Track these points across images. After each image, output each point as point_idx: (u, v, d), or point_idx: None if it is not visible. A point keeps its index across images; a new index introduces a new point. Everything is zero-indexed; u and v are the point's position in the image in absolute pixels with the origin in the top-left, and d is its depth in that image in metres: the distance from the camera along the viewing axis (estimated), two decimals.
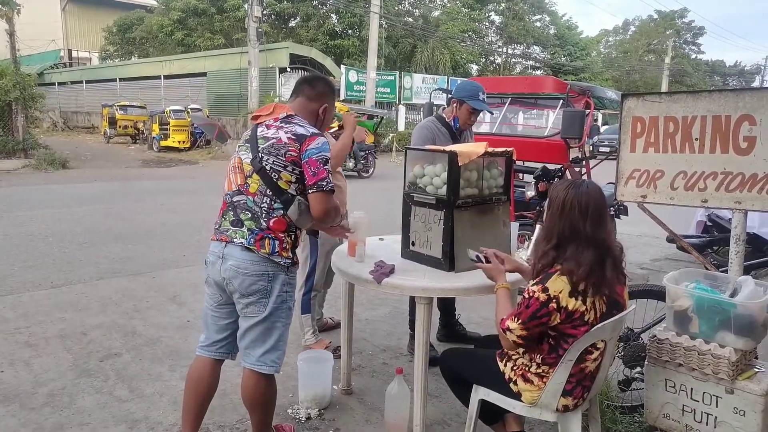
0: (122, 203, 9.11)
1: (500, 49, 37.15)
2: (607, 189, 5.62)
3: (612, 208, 5.76)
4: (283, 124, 2.19)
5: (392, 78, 24.43)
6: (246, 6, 19.62)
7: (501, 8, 36.12)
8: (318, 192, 2.11)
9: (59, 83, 31.50)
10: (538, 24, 37.71)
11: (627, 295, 2.05)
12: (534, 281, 1.94)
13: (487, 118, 6.77)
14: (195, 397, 2.30)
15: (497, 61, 37.11)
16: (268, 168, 2.12)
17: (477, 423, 2.28)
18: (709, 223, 5.52)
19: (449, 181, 2.47)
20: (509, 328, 1.94)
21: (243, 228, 2.13)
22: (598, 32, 48.36)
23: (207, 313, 2.30)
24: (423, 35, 29.05)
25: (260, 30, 17.36)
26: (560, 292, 1.86)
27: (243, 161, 2.20)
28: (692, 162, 2.59)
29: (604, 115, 22.90)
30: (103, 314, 4.16)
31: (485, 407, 2.25)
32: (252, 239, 2.11)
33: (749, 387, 2.15)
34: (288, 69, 20.03)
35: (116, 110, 21.28)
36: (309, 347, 3.38)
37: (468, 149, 2.52)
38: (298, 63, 20.24)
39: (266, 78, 19.35)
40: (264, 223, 2.12)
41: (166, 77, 24.57)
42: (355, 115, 3.27)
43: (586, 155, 5.60)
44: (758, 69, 49.04)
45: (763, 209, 2.46)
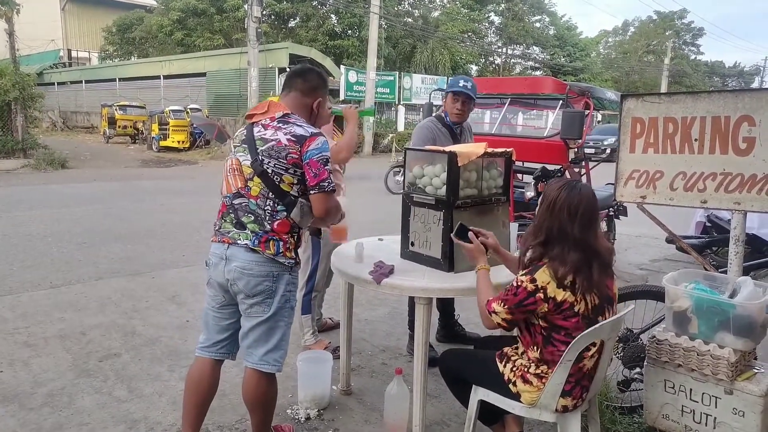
0: (121, 203, 9.11)
1: (500, 50, 37.20)
2: (607, 190, 5.68)
3: (611, 209, 5.79)
4: (281, 125, 2.16)
5: (392, 78, 24.41)
6: (245, 6, 19.59)
7: (500, 9, 36.18)
8: (320, 193, 2.13)
9: (59, 83, 31.51)
10: (538, 25, 37.77)
11: (616, 288, 2.10)
12: (523, 272, 1.99)
13: (487, 119, 6.78)
14: (196, 398, 2.30)
15: (497, 62, 37.15)
16: (270, 171, 2.11)
17: (476, 423, 2.28)
18: (709, 224, 5.52)
19: (449, 182, 2.47)
20: (495, 311, 2.01)
21: (246, 230, 2.13)
22: (598, 33, 48.56)
23: (208, 314, 2.30)
24: (422, 36, 29.06)
25: (260, 30, 17.35)
26: (548, 284, 1.91)
27: (242, 163, 2.17)
28: (691, 163, 2.59)
29: (604, 116, 22.90)
30: (103, 314, 4.16)
31: (485, 408, 2.25)
32: (257, 241, 2.12)
33: (748, 388, 2.16)
34: (288, 69, 19.95)
35: (116, 110, 21.26)
36: (308, 348, 3.38)
37: (467, 150, 2.52)
38: (298, 63, 20.21)
39: (266, 78, 19.34)
40: (268, 226, 2.13)
41: (166, 77, 24.56)
42: (354, 107, 3.32)
43: (585, 156, 5.61)
44: (757, 70, 49.18)
45: (763, 210, 2.46)
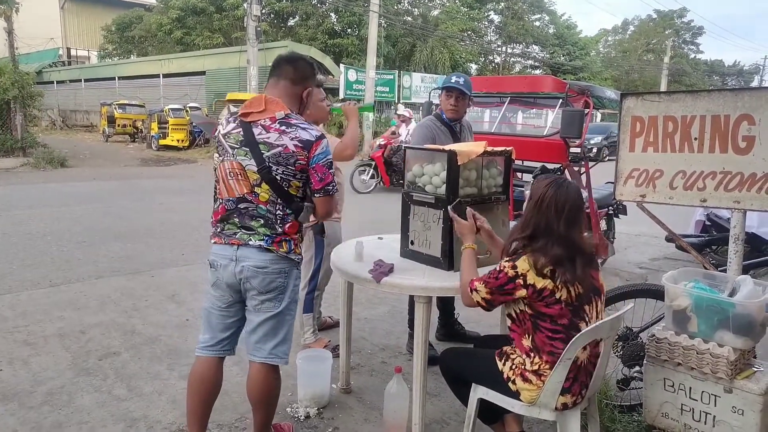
0: (121, 202, 9.10)
1: (499, 49, 37.15)
2: (606, 188, 5.68)
3: (611, 208, 5.79)
4: (285, 128, 2.13)
5: (391, 77, 24.39)
6: (245, 5, 19.58)
7: (500, 7, 36.10)
8: (325, 196, 2.21)
9: (58, 82, 31.47)
10: (537, 23, 37.69)
11: (602, 278, 2.15)
12: (506, 259, 2.07)
13: (486, 117, 6.78)
14: (203, 397, 2.30)
15: (496, 61, 37.10)
16: (279, 178, 2.13)
17: (476, 422, 2.28)
18: (708, 223, 5.52)
19: (448, 181, 2.47)
20: (476, 289, 2.08)
21: (256, 232, 2.17)
22: (598, 32, 48.43)
23: (211, 314, 2.30)
24: (422, 34, 29.03)
25: (259, 29, 17.32)
26: (527, 271, 1.98)
27: (246, 168, 2.14)
28: (691, 161, 2.59)
29: (603, 115, 22.89)
30: (102, 313, 4.16)
31: (484, 407, 2.25)
32: (270, 241, 2.17)
33: (748, 386, 2.16)
34: None
35: (115, 109, 21.21)
36: (308, 346, 3.38)
37: (467, 148, 2.52)
38: None
39: (265, 77, 19.14)
40: (279, 228, 2.18)
41: (165, 76, 24.52)
42: (353, 103, 3.36)
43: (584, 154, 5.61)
44: (757, 69, 49.13)
45: (762, 209, 2.46)
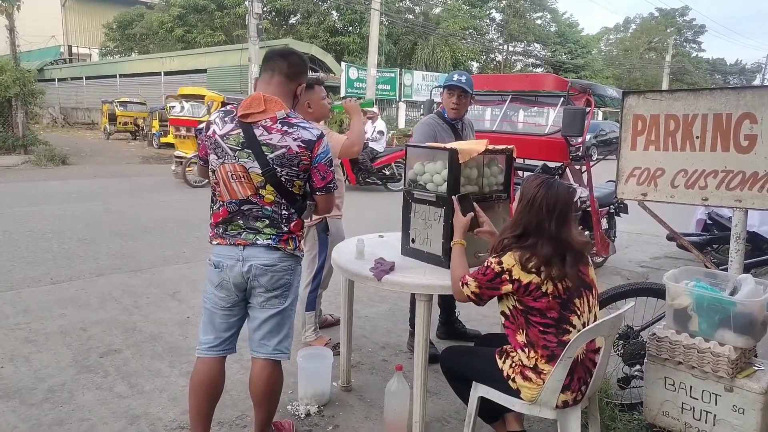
0: (122, 200, 9.11)
1: (501, 47, 37.09)
2: (608, 187, 5.68)
3: (612, 206, 5.78)
4: (287, 128, 2.12)
5: (393, 75, 24.39)
6: (246, 2, 19.56)
7: (502, 6, 36.05)
8: (326, 193, 2.25)
9: (59, 79, 31.44)
10: (539, 21, 37.63)
11: (593, 273, 2.17)
12: (493, 255, 2.12)
13: (488, 116, 6.77)
14: (207, 398, 2.29)
15: (498, 59, 37.06)
16: (284, 180, 2.14)
17: (476, 420, 2.28)
18: (709, 222, 5.52)
19: (449, 179, 2.47)
20: (467, 283, 2.13)
21: (262, 232, 2.18)
22: (599, 30, 48.27)
23: (214, 314, 2.29)
24: (424, 32, 29.01)
25: (260, 27, 17.30)
26: (513, 267, 2.02)
27: (249, 171, 2.12)
28: (693, 160, 2.58)
29: (605, 113, 22.86)
30: (103, 310, 4.17)
31: (485, 405, 2.25)
32: (278, 239, 2.20)
33: (748, 385, 2.16)
34: None
35: (116, 106, 21.16)
36: (309, 344, 3.38)
37: (468, 146, 2.52)
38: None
39: None
40: (285, 228, 2.21)
41: (167, 73, 24.49)
42: (354, 99, 3.38)
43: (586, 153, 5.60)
44: (759, 67, 48.95)
45: (764, 208, 2.46)
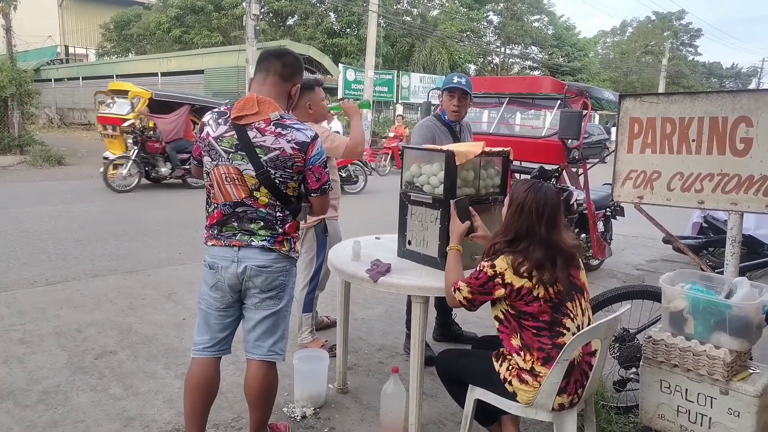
0: (118, 200, 9.08)
1: (498, 49, 37.16)
2: (604, 190, 5.69)
3: (608, 209, 5.80)
4: (281, 130, 2.11)
5: (390, 77, 24.38)
6: (244, 4, 19.56)
7: (499, 8, 36.15)
8: (321, 195, 2.24)
9: (56, 79, 31.33)
10: (536, 24, 37.73)
11: (584, 276, 2.17)
12: (486, 259, 2.12)
13: (485, 118, 6.78)
14: (203, 399, 2.29)
15: (495, 61, 37.12)
16: (278, 182, 2.13)
17: (472, 423, 2.28)
18: (705, 225, 5.54)
19: (446, 181, 2.47)
20: (459, 288, 2.14)
21: (257, 234, 2.17)
22: (596, 33, 48.60)
23: (209, 314, 2.28)
24: (421, 35, 29.04)
25: (258, 28, 17.30)
26: (505, 270, 2.03)
27: (243, 173, 2.11)
28: (689, 163, 2.59)
29: (602, 116, 22.93)
30: (99, 311, 4.15)
31: (481, 408, 2.25)
32: (273, 241, 2.19)
33: (744, 388, 2.16)
34: None
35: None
36: (305, 346, 3.38)
37: (465, 149, 2.52)
38: None
39: None
40: (280, 229, 2.20)
41: (164, 74, 24.43)
42: (351, 101, 3.39)
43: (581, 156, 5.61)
44: (755, 71, 49.26)
45: (759, 211, 2.46)
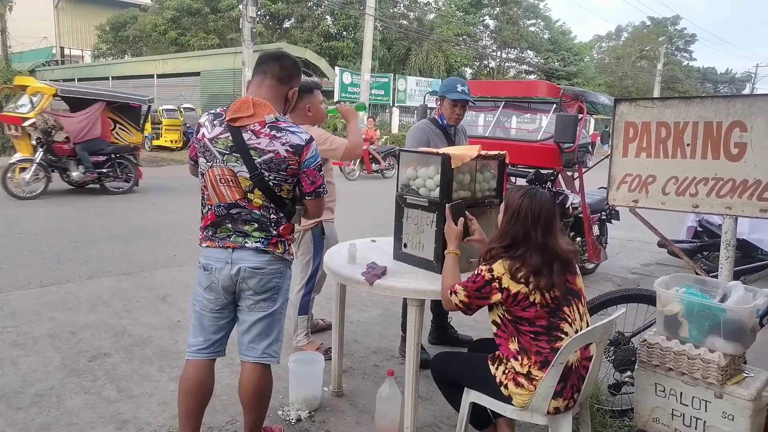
0: (113, 202, 9.05)
1: (494, 53, 37.28)
2: (599, 193, 5.71)
3: (604, 213, 5.81)
4: (276, 133, 2.10)
5: (386, 80, 24.43)
6: (240, 6, 19.55)
7: (495, 12, 36.29)
8: (316, 198, 2.24)
9: (51, 81, 31.21)
10: (532, 29, 37.88)
11: (580, 281, 2.18)
12: (483, 263, 2.12)
13: (481, 121, 6.79)
14: (197, 401, 2.28)
15: (491, 65, 37.26)
16: (272, 184, 2.13)
17: (468, 426, 2.28)
18: (700, 229, 5.57)
19: (442, 184, 2.47)
20: (456, 291, 2.13)
21: (251, 235, 2.17)
22: (592, 38, 48.72)
23: (203, 316, 2.28)
24: (417, 38, 29.12)
25: (254, 30, 17.28)
26: (503, 275, 2.03)
27: (238, 175, 2.11)
28: (684, 167, 2.60)
29: (597, 120, 23.02)
30: (93, 314, 4.13)
31: (476, 411, 2.25)
32: (267, 242, 2.19)
33: (738, 392, 2.17)
34: None
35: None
36: (300, 349, 3.37)
37: (461, 152, 2.53)
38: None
39: None
40: (274, 231, 2.20)
41: (159, 76, 24.41)
42: (347, 103, 3.40)
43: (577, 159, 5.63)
44: (749, 77, 49.62)
45: (753, 215, 2.48)
